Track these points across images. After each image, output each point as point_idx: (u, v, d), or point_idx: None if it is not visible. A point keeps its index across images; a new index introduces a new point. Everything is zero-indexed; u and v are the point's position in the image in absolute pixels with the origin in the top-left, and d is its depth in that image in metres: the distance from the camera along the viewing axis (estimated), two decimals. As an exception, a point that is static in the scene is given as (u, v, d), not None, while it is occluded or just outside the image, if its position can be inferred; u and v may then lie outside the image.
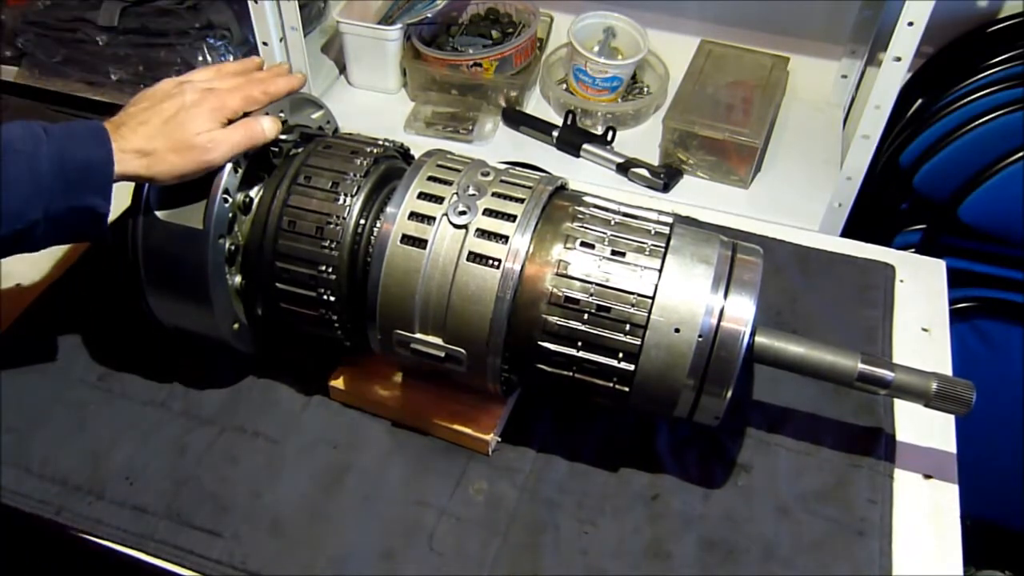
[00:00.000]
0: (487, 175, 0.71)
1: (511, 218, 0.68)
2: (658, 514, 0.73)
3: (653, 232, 0.68)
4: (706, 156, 1.27)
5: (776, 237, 1.00)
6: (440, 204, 0.69)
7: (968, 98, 1.19)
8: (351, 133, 0.82)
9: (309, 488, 0.75)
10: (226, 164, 0.69)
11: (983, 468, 1.01)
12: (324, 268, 0.71)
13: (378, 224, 0.71)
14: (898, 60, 1.02)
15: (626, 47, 1.41)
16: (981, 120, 1.15)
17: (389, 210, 0.69)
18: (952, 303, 0.95)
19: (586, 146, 1.32)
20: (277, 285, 0.73)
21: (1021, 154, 1.11)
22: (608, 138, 1.32)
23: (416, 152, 0.77)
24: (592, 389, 0.68)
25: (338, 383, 0.80)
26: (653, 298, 0.65)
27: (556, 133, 1.33)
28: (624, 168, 1.28)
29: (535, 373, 0.69)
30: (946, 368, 0.85)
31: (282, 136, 0.73)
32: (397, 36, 1.38)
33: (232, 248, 0.73)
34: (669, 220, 0.70)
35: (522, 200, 0.69)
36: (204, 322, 0.74)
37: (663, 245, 0.67)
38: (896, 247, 1.07)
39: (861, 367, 0.69)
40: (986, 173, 1.13)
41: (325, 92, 1.45)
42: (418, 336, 0.69)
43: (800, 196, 1.25)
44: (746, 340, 0.65)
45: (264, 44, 1.25)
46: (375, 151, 0.75)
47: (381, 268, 0.68)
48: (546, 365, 0.68)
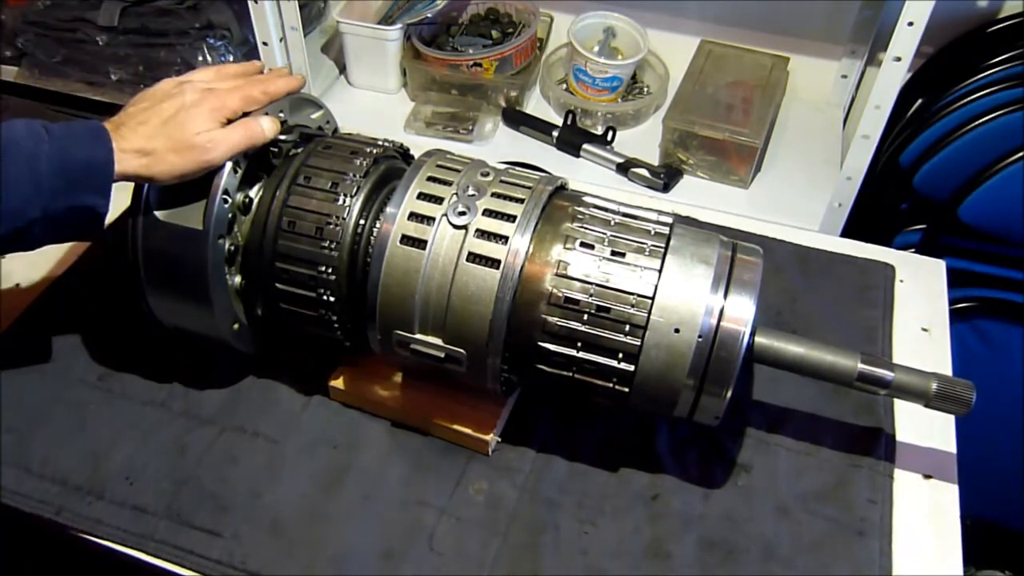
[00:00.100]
0: (487, 175, 0.71)
1: (511, 218, 0.68)
2: (658, 514, 0.73)
3: (653, 232, 0.68)
4: (706, 156, 1.27)
5: (776, 237, 1.00)
6: (440, 204, 0.69)
7: (968, 98, 1.19)
8: (351, 133, 0.82)
9: (309, 488, 0.75)
10: (226, 164, 0.69)
11: (983, 468, 1.01)
12: (324, 268, 0.71)
13: (378, 224, 0.71)
14: (898, 60, 1.02)
15: (626, 47, 1.41)
16: (981, 120, 1.15)
17: (389, 210, 0.69)
18: (952, 303, 0.95)
19: (586, 146, 1.31)
20: (277, 285, 0.73)
21: (1021, 154, 1.11)
22: (608, 138, 1.32)
23: (416, 152, 0.77)
24: (592, 389, 0.68)
25: (338, 383, 0.80)
26: (653, 298, 0.65)
27: (556, 133, 1.33)
28: (624, 168, 1.28)
29: (535, 373, 0.69)
30: (946, 368, 0.85)
31: (282, 136, 0.73)
32: (397, 36, 1.38)
33: (232, 248, 0.73)
34: (669, 220, 0.70)
35: (522, 200, 0.69)
36: (204, 322, 0.74)
37: (663, 245, 0.67)
38: (896, 247, 1.07)
39: (861, 367, 0.69)
40: (986, 173, 1.13)
41: (325, 92, 1.45)
42: (418, 336, 0.69)
43: (800, 196, 1.25)
44: (746, 340, 0.65)
45: (264, 44, 1.25)
46: (375, 151, 0.75)
47: (381, 268, 0.68)
48: (546, 365, 0.68)
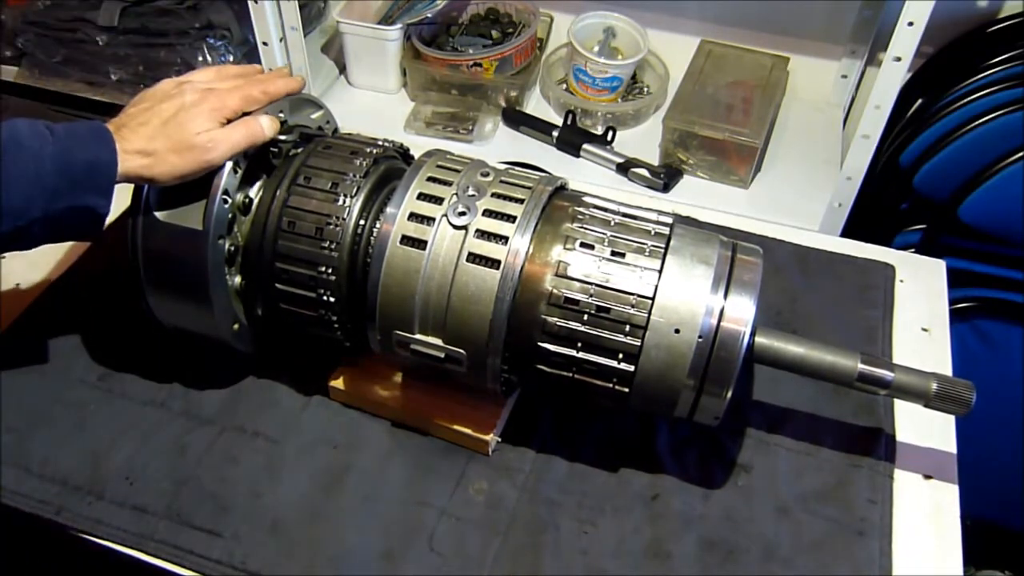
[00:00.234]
0: (487, 175, 0.71)
1: (511, 219, 0.68)
2: (658, 514, 0.73)
3: (653, 232, 0.68)
4: (706, 156, 1.27)
5: (776, 237, 1.00)
6: (440, 205, 0.69)
7: (968, 98, 1.19)
8: (351, 133, 0.82)
9: (309, 488, 0.75)
10: (226, 164, 0.69)
11: (983, 468, 1.01)
12: (324, 269, 0.71)
13: (378, 225, 0.71)
14: (898, 60, 1.02)
15: (626, 47, 1.41)
16: (981, 120, 1.15)
17: (389, 211, 0.69)
18: (952, 303, 0.95)
19: (586, 146, 1.31)
20: (277, 286, 0.73)
21: (1021, 154, 1.11)
22: (608, 138, 1.32)
23: (416, 152, 0.77)
24: (592, 390, 0.68)
25: (338, 383, 0.80)
26: (653, 299, 0.65)
27: (556, 133, 1.33)
28: (624, 168, 1.27)
29: (535, 374, 0.69)
30: (946, 368, 0.85)
31: (281, 136, 0.73)
32: (397, 36, 1.38)
33: (232, 248, 0.73)
34: (669, 220, 0.70)
35: (522, 201, 0.69)
36: (204, 322, 0.74)
37: (663, 246, 0.67)
38: (896, 247, 1.07)
39: (861, 367, 0.69)
40: (986, 173, 1.13)
41: (325, 92, 1.45)
42: (418, 337, 0.69)
43: (800, 196, 1.25)
44: (746, 340, 0.65)
45: (264, 44, 1.25)
46: (375, 151, 0.75)
47: (381, 269, 0.68)
48: (546, 366, 0.68)
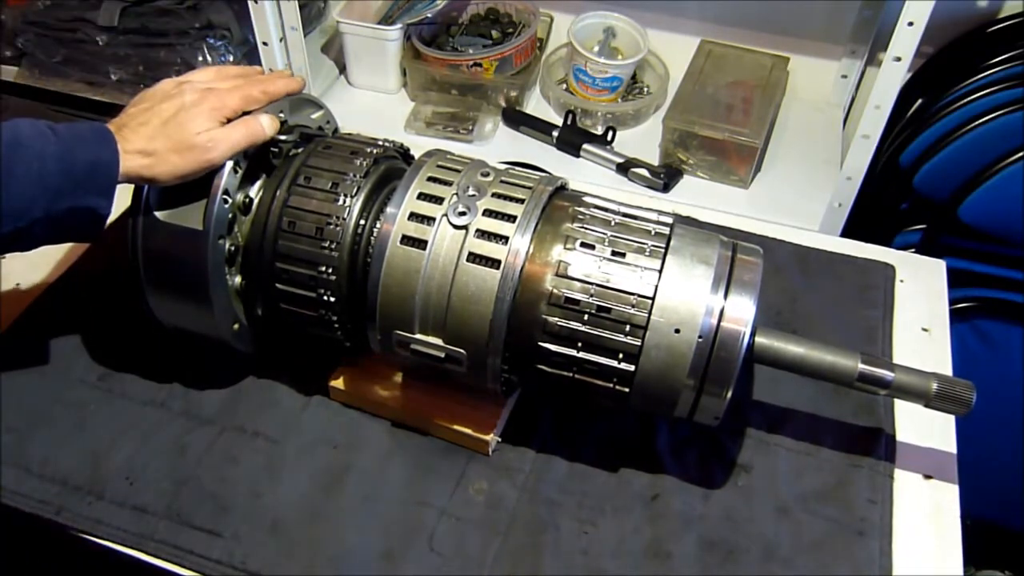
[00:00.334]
0: (487, 175, 0.71)
1: (511, 219, 0.68)
2: (658, 514, 0.73)
3: (653, 232, 0.68)
4: (706, 156, 1.27)
5: (776, 237, 1.00)
6: (440, 205, 0.69)
7: (968, 98, 1.19)
8: (351, 133, 0.82)
9: (309, 488, 0.75)
10: (226, 164, 0.69)
11: (983, 468, 1.01)
12: (324, 269, 0.71)
13: (378, 225, 0.71)
14: (898, 60, 1.02)
15: (626, 47, 1.41)
16: (981, 120, 1.15)
17: (389, 211, 0.69)
18: (952, 303, 0.95)
19: (586, 146, 1.32)
20: (277, 286, 0.73)
21: (1021, 154, 1.11)
22: (608, 138, 1.32)
23: (416, 152, 0.77)
24: (592, 390, 0.68)
25: (338, 383, 0.80)
26: (653, 299, 0.65)
27: (556, 133, 1.33)
28: (624, 168, 1.28)
29: (535, 373, 0.69)
30: (946, 368, 0.85)
31: (282, 136, 0.73)
32: (397, 36, 1.38)
33: (232, 248, 0.73)
34: (669, 220, 0.70)
35: (522, 200, 0.69)
36: (204, 322, 0.74)
37: (663, 246, 0.67)
38: (896, 247, 1.07)
39: (861, 367, 0.69)
40: (986, 173, 1.13)
41: (325, 92, 1.45)
42: (418, 337, 0.69)
43: (800, 196, 1.25)
44: (746, 340, 0.65)
45: (264, 44, 1.25)
46: (375, 151, 0.75)
47: (381, 269, 0.68)
48: (546, 366, 0.68)
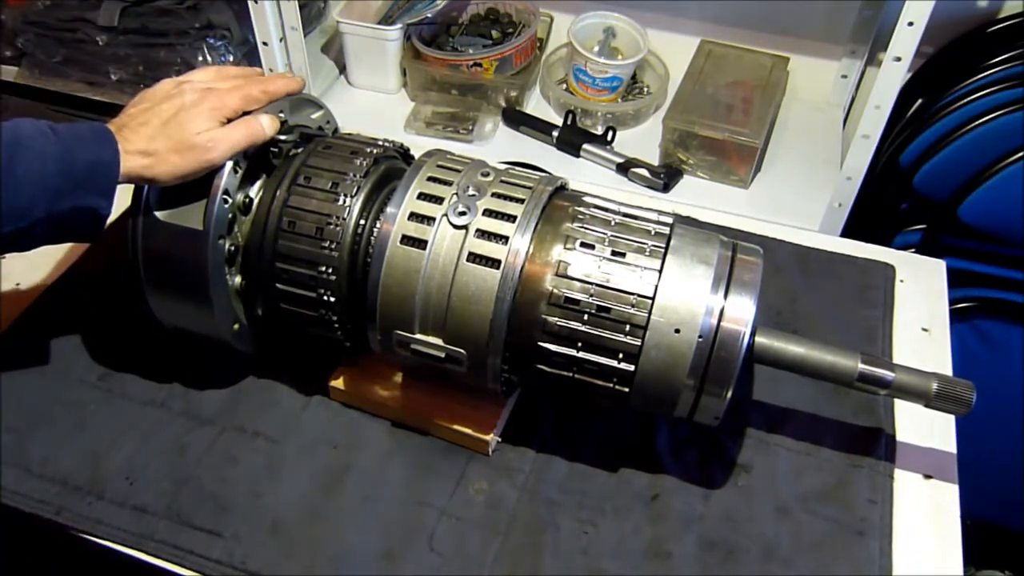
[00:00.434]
0: (487, 175, 0.71)
1: (511, 218, 0.68)
2: (658, 514, 0.73)
3: (653, 232, 0.68)
4: (706, 156, 1.27)
5: (776, 237, 1.00)
6: (440, 204, 0.69)
7: (968, 98, 1.19)
8: (351, 133, 0.82)
9: (309, 488, 0.75)
10: (226, 164, 0.69)
11: (983, 468, 1.01)
12: (324, 269, 0.71)
13: (378, 225, 0.71)
14: (898, 60, 1.02)
15: (626, 47, 1.41)
16: (981, 120, 1.15)
17: (389, 210, 0.69)
18: (952, 303, 0.95)
19: (586, 146, 1.32)
20: (277, 286, 0.73)
21: (1021, 154, 1.11)
22: (608, 138, 1.32)
23: (416, 152, 0.77)
24: (592, 389, 0.68)
25: (338, 383, 0.80)
26: (653, 299, 0.65)
27: (556, 133, 1.33)
28: (624, 168, 1.28)
29: (535, 373, 0.69)
30: (946, 368, 0.85)
31: (282, 136, 0.73)
32: (397, 36, 1.38)
33: (232, 248, 0.73)
34: (669, 220, 0.70)
35: (522, 200, 0.69)
36: (204, 322, 0.74)
37: (663, 246, 0.67)
38: (896, 247, 1.07)
39: (861, 367, 0.69)
40: (986, 173, 1.13)
41: (325, 92, 1.45)
42: (418, 336, 0.69)
43: (800, 196, 1.25)
44: (746, 340, 0.65)
45: (264, 44, 1.25)
46: (375, 151, 0.75)
47: (381, 269, 0.68)
48: (546, 366, 0.68)
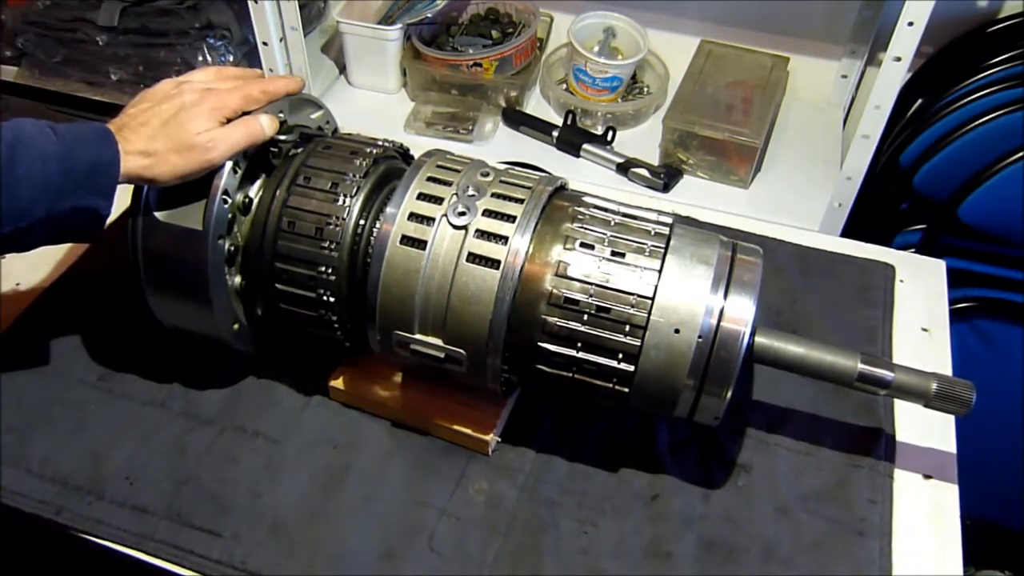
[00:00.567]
0: (487, 175, 0.71)
1: (511, 219, 0.68)
2: (658, 514, 0.73)
3: (653, 233, 0.68)
4: (706, 156, 1.27)
5: (776, 237, 1.00)
6: (440, 205, 0.69)
7: (968, 98, 1.19)
8: (351, 133, 0.82)
9: (309, 488, 0.75)
10: (226, 164, 0.69)
11: (983, 468, 1.01)
12: (323, 269, 0.71)
13: (378, 225, 0.71)
14: (898, 60, 1.02)
15: (626, 47, 1.41)
16: (981, 120, 1.15)
17: (389, 211, 0.69)
18: (952, 303, 0.95)
19: (586, 146, 1.32)
20: (277, 286, 0.73)
21: (1021, 154, 1.11)
22: (608, 138, 1.32)
23: (416, 152, 0.77)
24: (592, 390, 0.68)
25: (338, 383, 0.80)
26: (653, 299, 0.65)
27: (556, 133, 1.33)
28: (624, 168, 1.28)
29: (535, 374, 0.69)
30: (946, 368, 0.85)
31: (281, 136, 0.73)
32: (397, 36, 1.38)
33: (232, 248, 0.73)
34: (669, 220, 0.70)
35: (522, 201, 0.69)
36: (204, 322, 0.74)
37: (663, 246, 0.67)
38: (896, 247, 1.07)
39: (861, 367, 0.69)
40: (986, 173, 1.13)
41: (325, 92, 1.45)
42: (418, 337, 0.69)
43: (800, 196, 1.25)
44: (746, 340, 0.65)
45: (264, 44, 1.25)
46: (375, 151, 0.75)
47: (381, 269, 0.68)
48: (546, 366, 0.68)
